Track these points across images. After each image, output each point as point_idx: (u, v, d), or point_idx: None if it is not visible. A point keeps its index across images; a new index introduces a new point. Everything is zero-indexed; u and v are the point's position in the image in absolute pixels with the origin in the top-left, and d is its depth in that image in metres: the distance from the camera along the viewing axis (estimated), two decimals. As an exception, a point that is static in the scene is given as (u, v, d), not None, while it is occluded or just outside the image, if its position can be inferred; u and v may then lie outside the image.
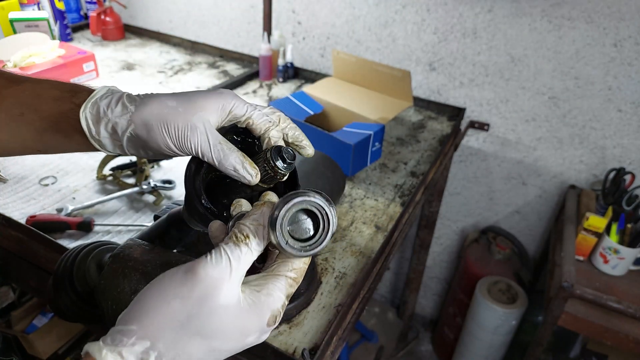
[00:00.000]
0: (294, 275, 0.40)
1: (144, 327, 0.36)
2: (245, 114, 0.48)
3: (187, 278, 0.37)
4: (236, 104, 0.48)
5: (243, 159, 0.46)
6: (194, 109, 0.46)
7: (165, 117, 0.46)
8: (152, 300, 0.37)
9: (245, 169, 0.46)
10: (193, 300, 0.36)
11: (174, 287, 0.37)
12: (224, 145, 0.46)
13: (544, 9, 1.47)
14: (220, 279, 0.37)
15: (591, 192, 1.59)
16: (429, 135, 1.49)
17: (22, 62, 1.49)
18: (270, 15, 1.81)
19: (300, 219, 0.41)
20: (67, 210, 1.01)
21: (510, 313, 1.71)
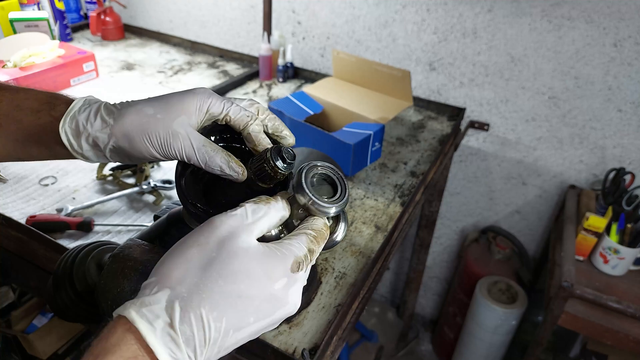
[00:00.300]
0: (314, 233, 0.41)
1: (164, 276, 0.35)
2: (222, 111, 0.48)
3: (204, 227, 0.38)
4: (212, 102, 0.48)
5: (228, 158, 0.47)
6: (173, 114, 0.46)
7: (146, 127, 0.46)
8: (172, 253, 0.37)
9: (231, 168, 0.47)
10: (211, 245, 0.37)
11: (192, 238, 0.38)
12: (208, 147, 0.46)
13: (544, 9, 1.47)
14: (238, 226, 0.38)
15: (591, 192, 1.59)
16: (429, 135, 1.49)
17: (22, 62, 1.49)
18: (270, 15, 1.81)
19: (319, 184, 0.44)
20: (67, 210, 1.01)
21: (510, 313, 1.71)
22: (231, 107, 0.49)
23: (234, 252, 0.36)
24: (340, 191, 0.45)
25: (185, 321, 0.33)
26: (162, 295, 0.34)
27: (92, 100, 0.49)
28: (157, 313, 0.33)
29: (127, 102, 0.49)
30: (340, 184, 0.45)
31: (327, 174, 0.45)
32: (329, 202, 0.43)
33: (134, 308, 0.33)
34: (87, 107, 0.48)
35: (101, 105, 0.48)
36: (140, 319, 0.33)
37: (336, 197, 0.44)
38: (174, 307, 0.33)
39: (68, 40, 2.00)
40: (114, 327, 0.33)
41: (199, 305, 0.34)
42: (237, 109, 0.49)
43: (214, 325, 0.34)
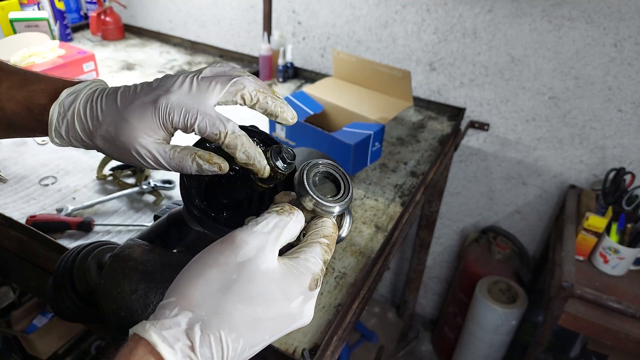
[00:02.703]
0: (327, 242, 0.41)
1: (185, 297, 0.35)
2: (188, 127, 0.45)
3: (225, 246, 0.37)
4: (174, 119, 0.44)
5: (199, 160, 0.45)
6: (132, 135, 0.45)
7: (115, 153, 0.47)
8: (192, 272, 0.37)
9: (206, 168, 0.46)
10: (231, 266, 0.36)
11: (212, 256, 0.37)
12: (176, 152, 0.46)
13: (544, 9, 1.47)
14: (259, 245, 0.37)
15: (591, 192, 1.59)
16: (429, 135, 1.49)
17: (22, 62, 1.49)
18: (270, 15, 1.81)
19: (322, 183, 0.44)
20: (67, 210, 1.01)
21: (511, 313, 1.71)
22: (196, 125, 0.44)
23: (255, 275, 0.36)
24: (343, 188, 0.44)
25: (205, 344, 0.34)
26: (182, 318, 0.34)
27: (64, 103, 0.47)
28: (178, 336, 0.33)
29: (97, 113, 0.46)
30: (343, 181, 0.44)
31: (329, 171, 0.45)
32: (333, 200, 0.42)
33: (154, 330, 0.33)
34: (63, 117, 0.47)
35: (75, 118, 0.47)
36: (162, 342, 0.33)
37: (340, 195, 0.43)
38: (194, 330, 0.34)
39: (68, 40, 2.00)
40: (135, 348, 0.33)
41: (218, 328, 0.34)
42: (202, 126, 0.44)
43: (232, 345, 0.35)
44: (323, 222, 0.42)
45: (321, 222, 0.42)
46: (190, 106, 0.44)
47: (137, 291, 0.56)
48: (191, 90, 0.45)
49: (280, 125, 1.32)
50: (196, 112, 0.44)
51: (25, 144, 1.27)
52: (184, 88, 0.45)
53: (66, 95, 0.47)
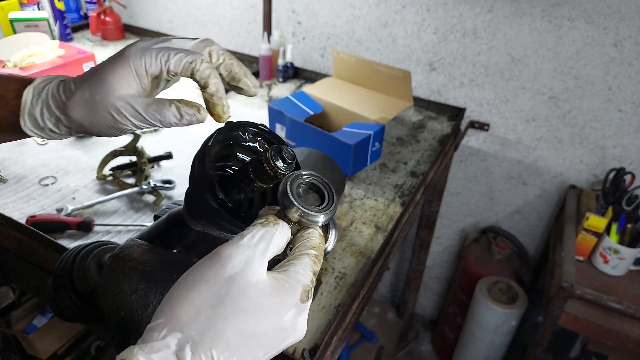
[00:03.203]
0: (315, 252, 0.40)
1: (173, 317, 0.33)
2: (161, 67, 0.46)
3: (212, 261, 0.36)
4: (147, 61, 0.46)
5: (178, 106, 0.46)
6: (109, 89, 0.45)
7: (91, 116, 0.46)
8: (179, 290, 0.35)
9: (185, 115, 0.46)
10: (220, 281, 0.35)
11: (200, 272, 0.36)
12: (153, 105, 0.46)
13: (544, 9, 1.47)
14: (247, 258, 0.36)
15: (591, 192, 1.59)
16: (429, 135, 1.49)
17: (22, 62, 1.49)
18: (270, 15, 1.81)
19: (305, 194, 0.43)
20: (67, 210, 1.01)
21: (511, 313, 1.71)
22: (170, 60, 0.46)
23: (245, 288, 0.35)
24: (327, 198, 0.43)
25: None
26: (171, 340, 0.33)
27: (39, 86, 0.48)
28: (168, 359, 0.32)
29: (70, 86, 0.47)
30: (327, 191, 0.44)
31: (312, 182, 0.44)
32: (318, 210, 0.42)
33: (142, 355, 0.32)
34: (37, 99, 0.47)
35: (49, 96, 0.47)
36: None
37: (324, 205, 0.43)
38: (185, 351, 0.32)
39: (68, 40, 2.00)
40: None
41: (210, 346, 0.33)
42: (177, 58, 0.46)
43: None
44: (309, 233, 0.41)
45: (308, 234, 0.41)
46: (161, 46, 0.46)
47: (137, 291, 0.56)
48: (160, 42, 0.47)
49: (280, 125, 1.32)
50: (168, 49, 0.46)
51: (25, 144, 1.27)
52: (152, 40, 0.47)
53: (40, 81, 0.48)
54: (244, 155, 0.55)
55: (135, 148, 1.16)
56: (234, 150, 0.55)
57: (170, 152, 1.20)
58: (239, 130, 0.53)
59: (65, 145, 1.28)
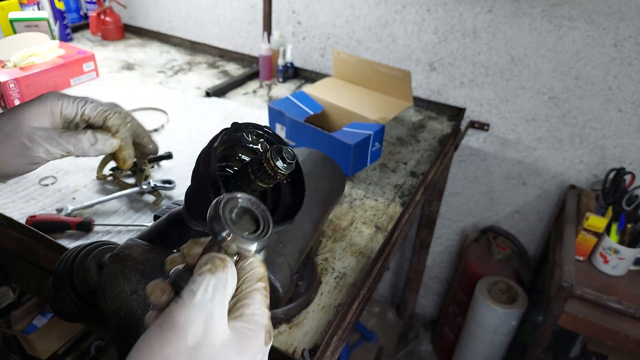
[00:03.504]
0: (264, 284, 0.37)
1: None
2: (77, 112, 0.49)
3: (170, 332, 0.31)
4: (64, 104, 0.49)
5: (92, 132, 0.49)
6: (21, 124, 0.46)
7: (4, 150, 0.47)
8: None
9: (101, 138, 0.50)
10: (183, 355, 0.31)
11: (157, 348, 0.31)
12: (67, 132, 0.48)
13: (544, 9, 1.47)
14: (206, 318, 0.32)
15: (591, 192, 1.59)
16: (429, 135, 1.49)
17: (22, 62, 1.49)
18: (270, 15, 1.81)
19: (238, 220, 0.38)
20: (67, 210, 1.01)
21: (510, 313, 1.72)
22: (87, 105, 0.50)
23: (212, 354, 0.32)
24: (263, 218, 0.39)
25: None
26: None
27: None
28: None
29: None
30: (261, 210, 0.39)
31: (242, 205, 0.39)
32: (257, 236, 0.37)
33: None
34: None
35: None
36: None
37: (262, 230, 0.38)
38: None
39: (68, 40, 2.00)
40: None
41: None
42: (92, 105, 0.50)
43: None
44: (251, 263, 0.37)
45: (249, 265, 0.37)
46: (79, 96, 0.50)
47: (137, 291, 0.56)
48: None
49: (280, 125, 1.32)
50: (85, 98, 0.50)
51: (25, 144, 1.27)
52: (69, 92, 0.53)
53: None
54: (245, 155, 0.56)
55: (135, 148, 1.16)
56: (236, 150, 0.55)
57: (170, 152, 1.20)
58: (243, 132, 0.53)
59: (65, 145, 1.28)
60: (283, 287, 0.66)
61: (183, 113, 1.50)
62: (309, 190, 0.55)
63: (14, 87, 1.42)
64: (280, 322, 0.83)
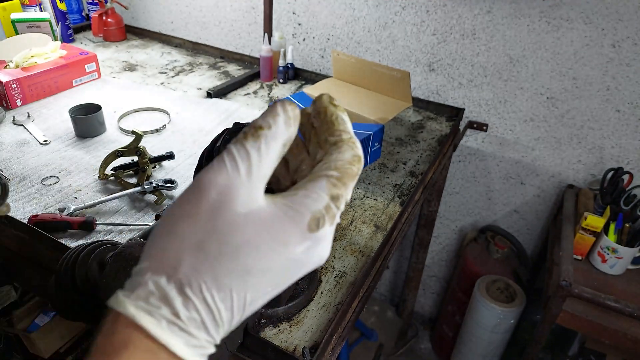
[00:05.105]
0: (337, 174, 0.32)
1: (158, 259, 0.30)
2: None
3: (192, 193, 0.31)
4: None
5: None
6: None
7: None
8: (161, 229, 0.31)
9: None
10: (203, 215, 0.30)
11: (180, 207, 0.31)
12: None
13: (542, 10, 1.48)
14: (229, 184, 0.30)
15: (589, 191, 1.60)
16: (428, 136, 1.50)
17: (24, 63, 1.50)
18: (270, 17, 1.82)
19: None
20: (69, 210, 1.02)
21: (509, 312, 1.72)
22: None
23: (234, 221, 0.30)
24: None
25: (190, 308, 0.29)
26: (154, 284, 0.29)
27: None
28: (156, 304, 0.29)
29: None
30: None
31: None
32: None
33: (129, 302, 0.29)
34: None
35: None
36: (142, 314, 0.28)
37: None
38: (173, 295, 0.29)
39: (70, 41, 2.01)
40: (115, 323, 0.29)
41: (200, 289, 0.29)
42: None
43: (223, 305, 0.30)
44: (340, 152, 0.33)
45: (337, 152, 0.33)
46: None
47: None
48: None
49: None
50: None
51: (27, 143, 1.29)
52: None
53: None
54: None
55: (137, 148, 1.17)
56: None
57: (172, 152, 1.21)
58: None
59: (67, 146, 1.29)
60: (283, 286, 0.67)
61: (184, 113, 1.51)
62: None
63: (15, 87, 1.43)
64: (281, 320, 0.84)
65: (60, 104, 1.50)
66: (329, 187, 0.32)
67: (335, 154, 0.33)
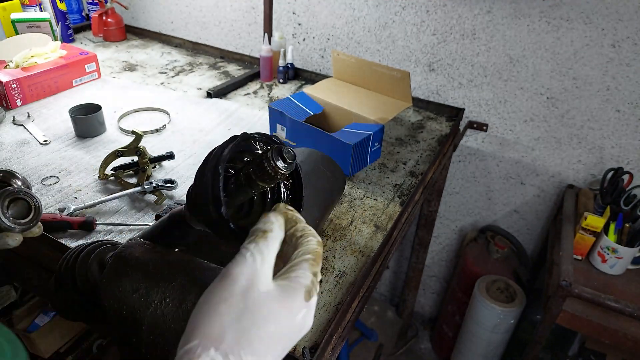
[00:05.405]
0: (313, 257, 0.44)
1: (206, 336, 0.38)
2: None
3: (225, 282, 0.41)
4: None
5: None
6: None
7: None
8: (203, 312, 0.40)
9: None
10: (236, 297, 0.40)
11: (217, 294, 0.41)
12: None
13: (542, 10, 1.48)
14: (253, 272, 0.41)
15: (589, 191, 1.60)
16: (428, 136, 1.50)
17: (24, 63, 1.50)
18: (270, 17, 1.82)
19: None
20: (69, 210, 1.02)
21: (509, 311, 1.72)
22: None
23: (259, 299, 0.40)
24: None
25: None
26: (206, 357, 0.37)
27: None
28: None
29: None
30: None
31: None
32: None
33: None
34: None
35: None
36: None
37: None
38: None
39: (70, 41, 2.01)
40: None
41: (240, 355, 0.38)
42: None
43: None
44: (308, 240, 0.46)
45: (306, 242, 0.46)
46: None
47: (139, 290, 0.57)
48: None
49: (281, 126, 1.33)
50: None
51: (27, 143, 1.29)
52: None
53: None
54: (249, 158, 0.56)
55: (137, 148, 1.17)
56: (243, 154, 0.55)
57: (172, 152, 1.21)
58: (251, 141, 0.54)
59: (67, 146, 1.29)
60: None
61: (184, 113, 1.51)
62: (310, 190, 0.56)
63: (15, 87, 1.43)
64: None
65: (60, 104, 1.50)
66: (310, 267, 0.43)
67: (306, 243, 0.45)
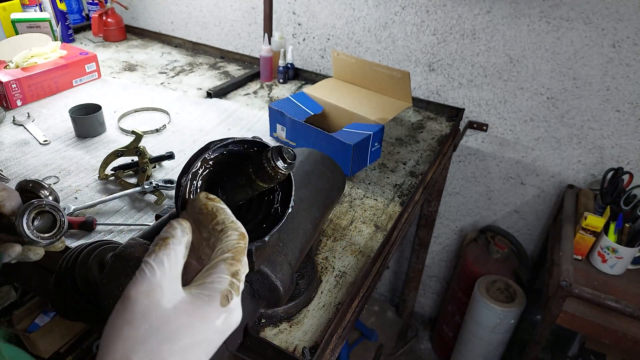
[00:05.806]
0: (231, 255, 0.41)
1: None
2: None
3: (125, 304, 0.38)
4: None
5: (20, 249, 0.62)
6: None
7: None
8: (108, 338, 0.37)
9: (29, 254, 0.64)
10: (138, 318, 0.37)
11: (119, 317, 0.38)
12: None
13: (542, 10, 1.48)
14: (152, 288, 0.38)
15: (589, 191, 1.60)
16: (428, 136, 1.50)
17: (24, 63, 1.50)
18: (271, 17, 1.82)
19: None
20: (69, 210, 1.02)
21: (509, 312, 1.72)
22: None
23: (163, 316, 0.37)
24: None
25: None
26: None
27: None
28: None
29: None
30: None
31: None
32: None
33: None
34: None
35: None
36: None
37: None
38: None
39: (70, 41, 2.01)
40: None
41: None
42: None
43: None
44: (227, 235, 0.42)
45: (225, 237, 0.42)
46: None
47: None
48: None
49: (281, 126, 1.33)
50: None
51: (27, 144, 1.29)
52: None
53: None
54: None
55: (137, 148, 1.17)
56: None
57: (172, 152, 1.21)
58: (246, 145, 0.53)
59: (67, 146, 1.29)
60: (283, 286, 0.67)
61: (184, 113, 1.51)
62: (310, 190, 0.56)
63: (15, 87, 1.43)
64: (281, 320, 0.84)
65: (60, 104, 1.50)
66: (228, 267, 0.40)
67: (225, 239, 0.42)
